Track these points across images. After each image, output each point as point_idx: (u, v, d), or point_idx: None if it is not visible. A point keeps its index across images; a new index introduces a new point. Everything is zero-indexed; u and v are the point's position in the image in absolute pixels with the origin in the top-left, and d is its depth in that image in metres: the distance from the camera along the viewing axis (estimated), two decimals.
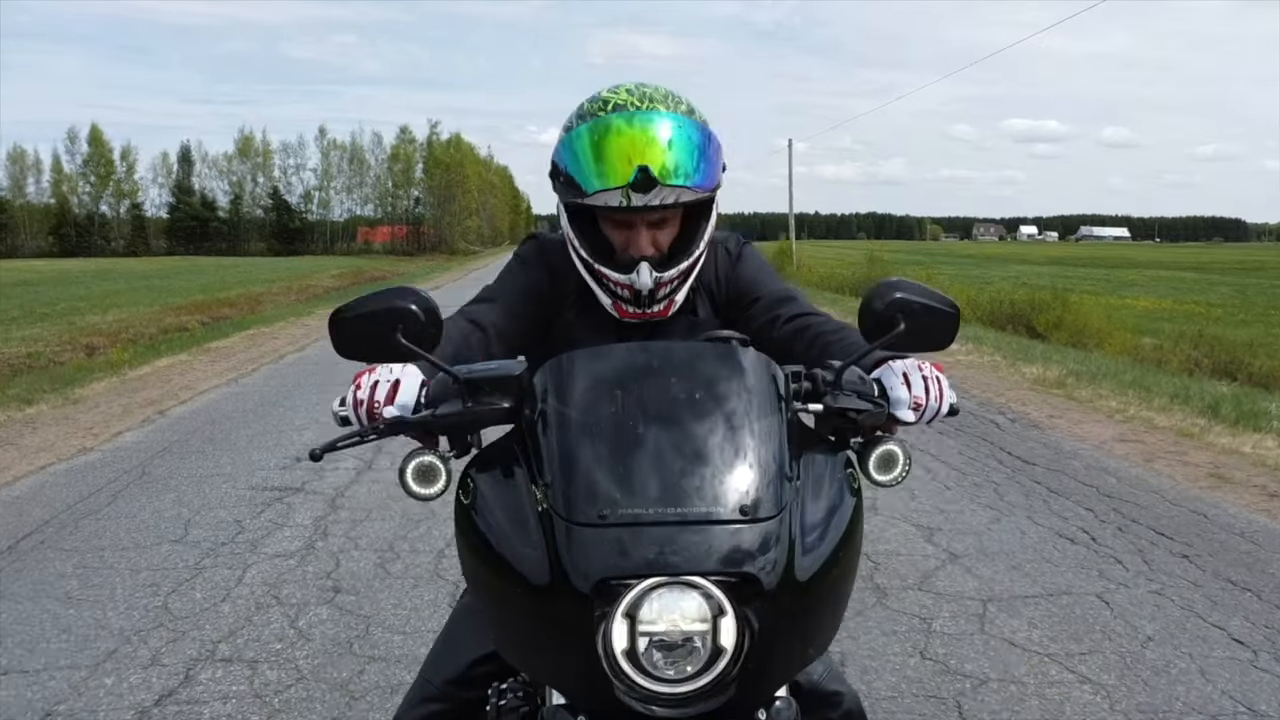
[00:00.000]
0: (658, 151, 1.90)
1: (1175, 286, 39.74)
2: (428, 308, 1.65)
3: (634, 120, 1.93)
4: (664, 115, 1.95)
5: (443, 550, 5.43)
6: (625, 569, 1.36)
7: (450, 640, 2.17)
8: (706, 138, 1.99)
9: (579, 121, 1.98)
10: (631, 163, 1.88)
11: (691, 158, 1.93)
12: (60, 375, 12.53)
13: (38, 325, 22.30)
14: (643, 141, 1.90)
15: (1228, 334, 22.23)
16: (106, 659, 4.07)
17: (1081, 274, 52.25)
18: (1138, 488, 6.98)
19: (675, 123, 1.95)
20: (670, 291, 2.05)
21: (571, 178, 1.96)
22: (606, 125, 1.93)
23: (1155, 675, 3.94)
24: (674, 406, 1.51)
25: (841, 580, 1.51)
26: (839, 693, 2.03)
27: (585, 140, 1.94)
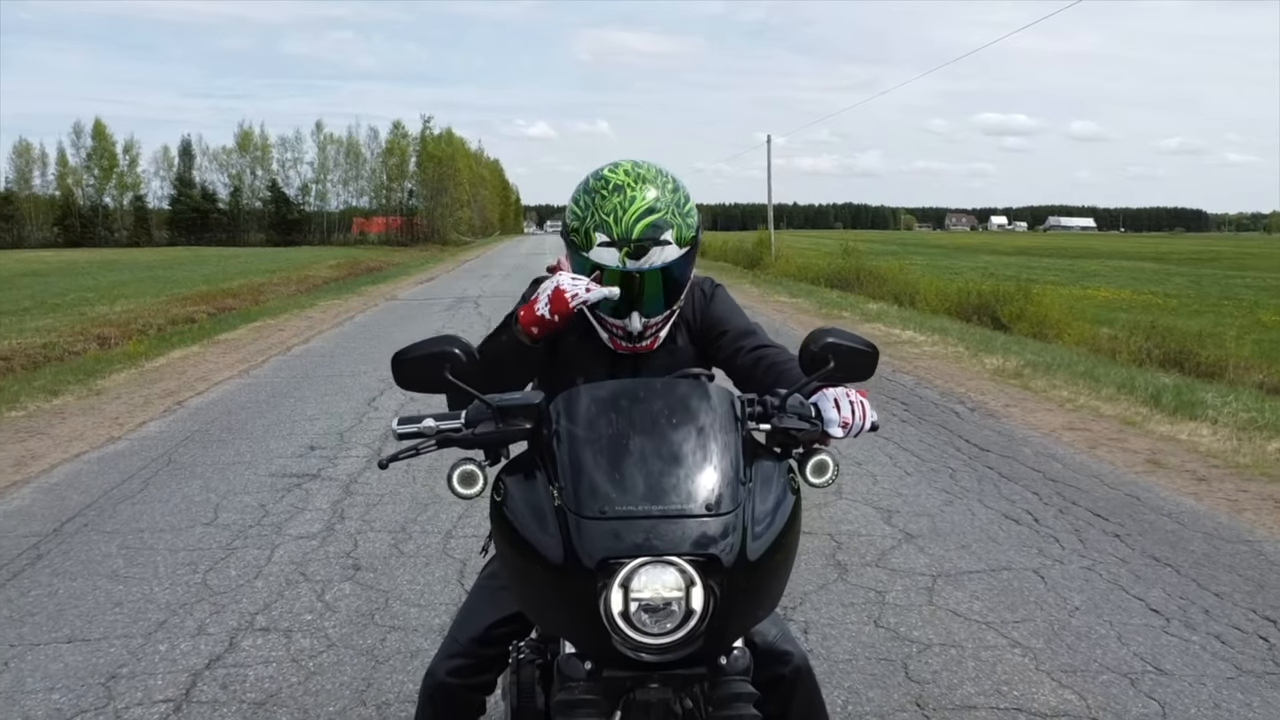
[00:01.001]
0: (650, 222, 2.28)
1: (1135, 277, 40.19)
2: (468, 351, 2.05)
3: (629, 195, 2.31)
4: (653, 190, 2.33)
5: (449, 532, 5.80)
6: (620, 551, 1.75)
7: (473, 607, 2.55)
8: (687, 210, 2.37)
9: (585, 194, 2.36)
10: (628, 228, 2.27)
11: (678, 223, 2.32)
12: (82, 367, 12.80)
13: (49, 316, 22.43)
14: (635, 215, 2.29)
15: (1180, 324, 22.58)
16: (158, 629, 4.43)
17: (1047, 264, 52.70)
18: (1080, 473, 7.38)
19: (664, 193, 2.33)
20: (655, 330, 2.44)
21: (578, 237, 2.35)
22: (606, 199, 2.32)
23: (1078, 640, 4.35)
24: (656, 427, 1.90)
25: (784, 560, 1.91)
26: (789, 653, 2.40)
27: (589, 210, 2.33)
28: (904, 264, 43.54)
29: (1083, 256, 64.45)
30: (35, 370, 14.36)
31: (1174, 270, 46.63)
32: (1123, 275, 42.07)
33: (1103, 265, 51.01)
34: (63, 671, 4.00)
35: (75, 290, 30.90)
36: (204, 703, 3.73)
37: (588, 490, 1.83)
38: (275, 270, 42.63)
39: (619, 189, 2.34)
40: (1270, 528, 6.01)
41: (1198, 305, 27.33)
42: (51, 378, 11.74)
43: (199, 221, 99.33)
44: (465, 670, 2.44)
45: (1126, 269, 48.12)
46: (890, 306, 22.37)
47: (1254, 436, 8.32)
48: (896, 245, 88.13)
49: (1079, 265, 50.51)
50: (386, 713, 3.67)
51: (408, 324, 18.07)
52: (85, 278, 38.89)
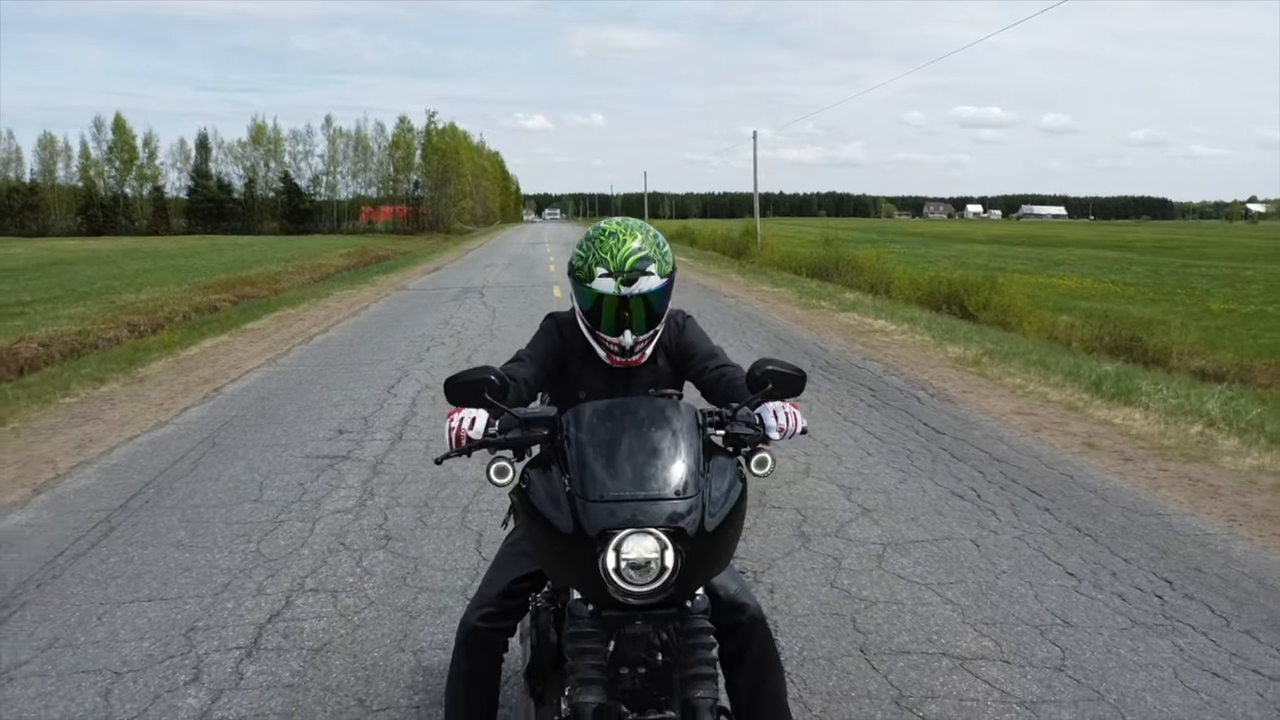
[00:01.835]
0: (637, 259, 2.82)
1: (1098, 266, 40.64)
2: (500, 376, 2.58)
3: (621, 240, 2.85)
4: (639, 237, 2.87)
5: (466, 507, 6.32)
6: (614, 524, 2.29)
7: (498, 567, 3.08)
8: (664, 251, 2.91)
9: (587, 241, 2.90)
10: (621, 265, 2.81)
11: (659, 263, 2.86)
12: (124, 355, 13.30)
13: (80, 304, 22.73)
14: (627, 251, 2.83)
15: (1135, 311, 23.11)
16: (223, 590, 4.97)
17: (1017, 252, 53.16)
18: (1023, 454, 7.90)
19: (648, 241, 2.87)
20: (643, 347, 2.97)
21: (582, 272, 2.88)
22: (604, 243, 2.86)
23: (1000, 598, 4.90)
24: (640, 432, 2.45)
25: (733, 531, 2.46)
26: (746, 604, 2.93)
27: (591, 251, 2.86)
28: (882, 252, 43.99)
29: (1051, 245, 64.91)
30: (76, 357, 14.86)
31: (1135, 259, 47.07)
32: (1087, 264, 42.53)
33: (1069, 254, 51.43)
34: (148, 625, 4.53)
35: (102, 279, 31.14)
36: (270, 650, 4.27)
37: (590, 480, 2.37)
38: (290, 259, 42.90)
39: (614, 235, 2.88)
40: (1180, 502, 6.55)
41: (1153, 294, 27.84)
42: (97, 365, 12.22)
43: (215, 211, 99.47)
44: (492, 617, 2.97)
45: (1091, 257, 48.54)
46: (866, 296, 22.82)
47: (1179, 421, 8.87)
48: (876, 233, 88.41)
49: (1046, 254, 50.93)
50: (422, 658, 4.21)
51: (419, 313, 18.54)
52: (110, 266, 39.11)
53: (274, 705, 3.79)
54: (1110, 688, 3.93)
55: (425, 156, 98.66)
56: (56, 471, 7.28)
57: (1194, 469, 7.40)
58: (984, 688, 3.94)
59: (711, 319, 17.18)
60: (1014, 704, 3.80)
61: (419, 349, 13.56)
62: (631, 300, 2.83)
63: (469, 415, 2.59)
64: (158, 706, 3.77)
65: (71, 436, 8.44)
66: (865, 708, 3.78)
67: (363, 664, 4.15)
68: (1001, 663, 4.17)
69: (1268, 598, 4.90)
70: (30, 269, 38.35)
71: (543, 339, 3.09)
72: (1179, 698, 3.85)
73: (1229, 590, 4.99)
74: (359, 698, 3.86)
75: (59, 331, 17.44)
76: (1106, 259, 46.99)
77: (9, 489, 6.81)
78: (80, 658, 4.19)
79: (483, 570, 4.92)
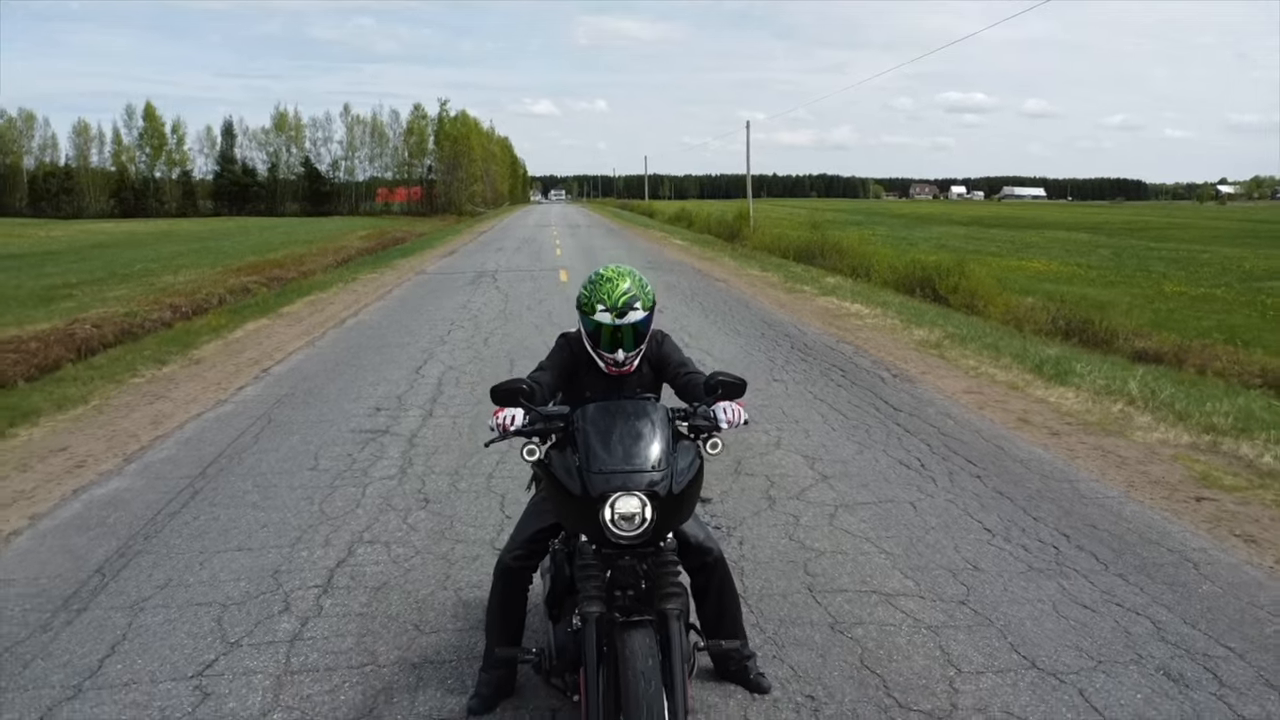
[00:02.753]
0: (627, 298, 3.63)
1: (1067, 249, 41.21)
2: (529, 384, 3.40)
3: (616, 284, 3.66)
4: (629, 281, 3.67)
5: (490, 474, 7.14)
6: (610, 489, 3.11)
7: (525, 520, 3.90)
8: (647, 291, 3.71)
9: (590, 284, 3.70)
10: (615, 303, 3.62)
11: (643, 300, 3.66)
12: (177, 338, 14.06)
13: (123, 286, 23.37)
14: (619, 291, 3.64)
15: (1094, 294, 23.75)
16: (297, 542, 5.80)
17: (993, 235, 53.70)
18: (965, 428, 8.70)
19: (635, 284, 3.68)
20: (631, 360, 3.78)
21: (587, 307, 3.68)
22: (602, 286, 3.66)
23: (926, 549, 5.72)
24: (628, 423, 3.26)
25: (693, 494, 3.28)
26: (710, 549, 3.76)
27: (593, 292, 3.66)
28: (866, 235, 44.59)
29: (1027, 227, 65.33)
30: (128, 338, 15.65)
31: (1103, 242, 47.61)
32: (1056, 247, 43.11)
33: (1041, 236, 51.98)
34: (241, 569, 5.37)
35: (140, 261, 31.75)
36: (341, 588, 5.11)
37: (593, 457, 3.19)
38: (313, 241, 43.51)
39: (609, 280, 3.68)
40: (1090, 470, 7.37)
41: (1113, 276, 28.44)
42: (156, 348, 13.01)
43: (240, 194, 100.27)
44: (521, 558, 3.80)
45: (1062, 240, 49.10)
46: (846, 280, 23.51)
47: (1104, 400, 9.68)
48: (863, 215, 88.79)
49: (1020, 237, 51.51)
50: (461, 594, 5.05)
51: (438, 297, 19.30)
52: (147, 249, 39.72)
53: (349, 629, 4.63)
54: (999, 616, 4.77)
55: (438, 142, 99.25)
56: (140, 444, 8.10)
57: (1108, 442, 8.21)
58: (901, 616, 4.77)
59: (705, 303, 17.97)
60: (922, 628, 4.64)
61: (441, 332, 14.34)
62: (623, 328, 3.64)
63: (509, 413, 3.41)
64: (260, 630, 4.62)
65: (146, 413, 9.26)
66: (807, 631, 4.62)
67: (415, 599, 4.99)
68: (918, 598, 5.00)
69: (1143, 548, 5.73)
70: (72, 252, 39.01)
71: (558, 353, 3.90)
72: (1052, 624, 4.69)
73: (1113, 543, 5.82)
74: (414, 624, 4.70)
75: (108, 313, 18.12)
76: (1076, 242, 47.54)
77: (104, 459, 7.64)
78: (192, 594, 5.03)
79: (506, 526, 5.80)
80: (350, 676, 4.17)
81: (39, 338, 15.39)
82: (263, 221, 74.95)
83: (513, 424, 3.39)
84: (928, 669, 4.24)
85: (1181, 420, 8.71)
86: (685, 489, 3.22)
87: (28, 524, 6.14)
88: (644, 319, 3.67)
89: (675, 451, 3.27)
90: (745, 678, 4.02)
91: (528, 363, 11.50)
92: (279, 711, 3.88)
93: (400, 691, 4.05)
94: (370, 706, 3.92)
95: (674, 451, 3.26)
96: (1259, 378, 13.82)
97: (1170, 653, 4.39)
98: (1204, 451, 7.82)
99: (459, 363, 11.78)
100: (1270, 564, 5.49)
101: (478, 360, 11.91)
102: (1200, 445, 8.00)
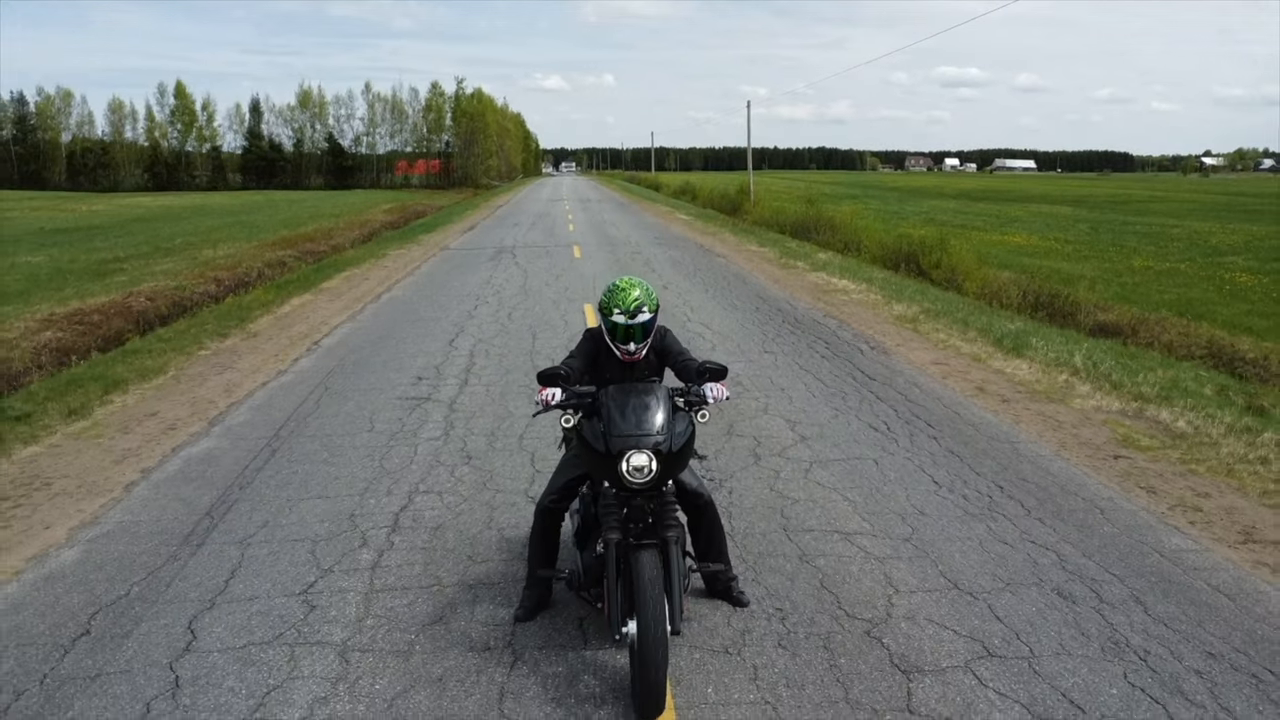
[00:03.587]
0: (637, 303, 4.52)
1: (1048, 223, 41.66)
2: (565, 370, 4.31)
3: (628, 292, 4.54)
4: (639, 290, 4.56)
5: (521, 435, 8.04)
6: (626, 447, 4.03)
7: (559, 471, 4.81)
8: (653, 297, 4.59)
9: (608, 292, 4.57)
10: (628, 307, 4.50)
11: (649, 304, 4.55)
12: (232, 313, 14.90)
13: (168, 259, 23.94)
14: (631, 298, 4.52)
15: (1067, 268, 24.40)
16: (365, 491, 6.73)
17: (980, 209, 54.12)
18: (929, 396, 9.55)
19: (643, 292, 4.56)
20: (641, 350, 4.66)
21: (606, 310, 4.57)
22: (618, 294, 4.54)
23: (883, 497, 6.62)
24: (639, 400, 4.17)
25: (686, 452, 4.19)
26: (702, 494, 4.67)
27: (611, 298, 4.55)
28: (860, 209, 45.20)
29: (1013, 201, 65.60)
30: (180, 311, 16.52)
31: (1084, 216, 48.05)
32: (1039, 221, 43.59)
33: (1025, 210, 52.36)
34: (323, 513, 6.30)
35: (181, 235, 32.31)
36: (406, 528, 6.04)
37: (614, 424, 4.09)
38: (339, 215, 44.11)
39: (623, 289, 4.56)
40: (1030, 433, 8.24)
41: (1088, 251, 29.05)
42: (216, 322, 13.92)
43: (267, 168, 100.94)
44: (556, 500, 4.71)
45: (1045, 214, 49.51)
46: (836, 256, 24.25)
47: (1052, 371, 10.53)
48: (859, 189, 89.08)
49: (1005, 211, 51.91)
50: (503, 533, 5.97)
51: (463, 273, 20.13)
52: (184, 223, 40.32)
53: (416, 559, 5.57)
54: (934, 550, 5.68)
55: (455, 119, 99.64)
56: (218, 409, 9.03)
57: (1050, 408, 9.09)
58: (856, 550, 5.69)
59: (706, 279, 18.80)
60: (872, 559, 5.56)
61: (468, 307, 15.21)
62: (634, 326, 4.52)
63: (550, 391, 4.31)
64: (346, 559, 5.55)
65: (218, 382, 10.17)
66: (780, 561, 5.54)
67: (466, 536, 5.92)
68: (871, 536, 5.91)
69: (1062, 497, 6.62)
70: (115, 226, 39.69)
71: (585, 345, 4.78)
72: (976, 556, 5.60)
73: (1038, 493, 6.71)
74: (468, 555, 5.63)
75: (159, 287, 18.88)
76: (1058, 215, 47.98)
77: (191, 423, 8.57)
78: (287, 532, 5.97)
79: (536, 478, 6.73)
80: (421, 594, 5.11)
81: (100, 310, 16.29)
82: (290, 195, 75.57)
83: (554, 399, 4.30)
84: (872, 589, 5.16)
85: (1116, 389, 9.58)
86: (681, 448, 4.14)
87: (141, 477, 7.08)
88: (650, 319, 4.55)
89: (674, 420, 4.17)
90: (729, 595, 4.95)
91: (548, 335, 12.43)
92: (370, 619, 4.82)
93: (462, 605, 4.98)
94: (440, 616, 4.86)
95: (673, 420, 4.16)
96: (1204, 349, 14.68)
97: (1066, 578, 5.30)
98: (1130, 417, 8.70)
99: (487, 335, 12.66)
100: (1163, 510, 6.40)
101: (504, 334, 12.80)
102: (1128, 411, 8.87)
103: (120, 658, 4.44)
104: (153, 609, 4.94)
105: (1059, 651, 4.48)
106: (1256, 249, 29.73)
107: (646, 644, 3.82)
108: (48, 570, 5.43)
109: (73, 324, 15.17)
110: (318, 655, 4.45)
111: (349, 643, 4.57)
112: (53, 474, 7.15)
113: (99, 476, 7.09)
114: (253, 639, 4.61)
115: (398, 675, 4.28)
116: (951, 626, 4.72)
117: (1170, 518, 6.24)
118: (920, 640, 4.58)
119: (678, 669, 4.29)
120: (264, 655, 4.45)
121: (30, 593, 5.15)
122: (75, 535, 5.95)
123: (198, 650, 4.50)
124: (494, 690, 4.16)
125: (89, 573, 5.39)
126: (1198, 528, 6.07)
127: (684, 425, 4.21)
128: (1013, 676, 4.26)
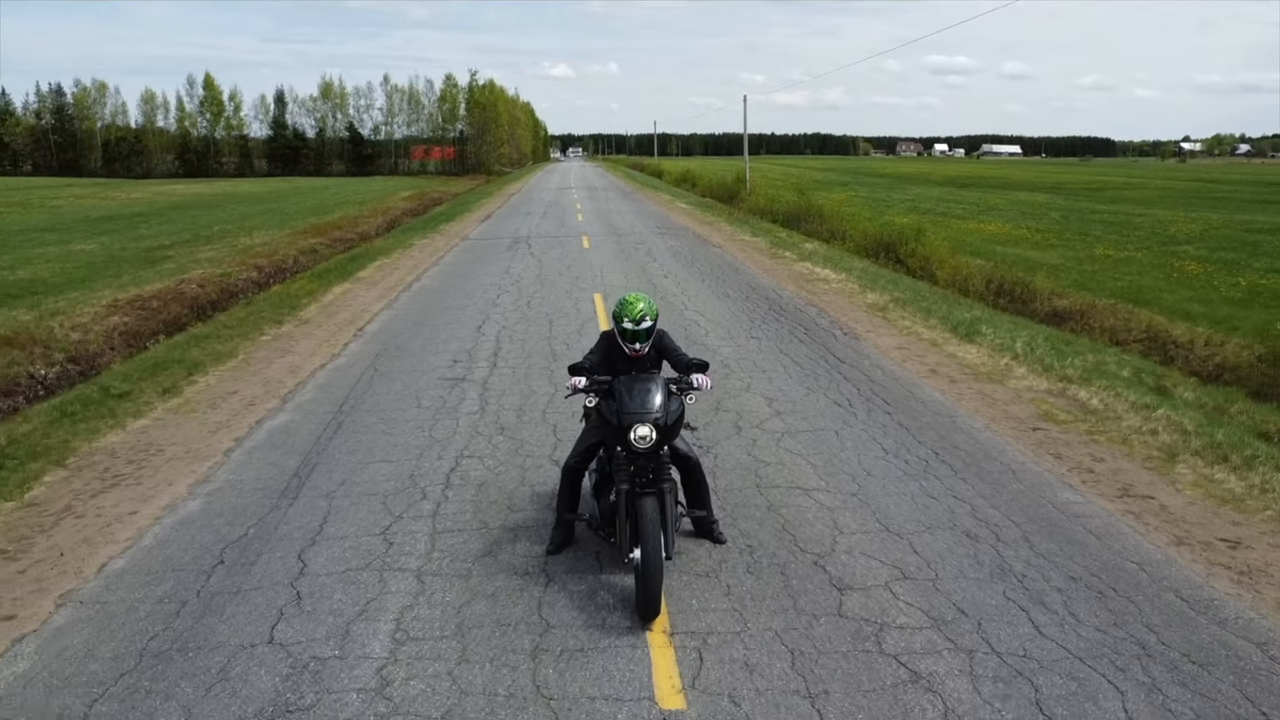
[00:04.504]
0: (641, 314, 5.67)
1: (1023, 211, 42.50)
2: (588, 363, 5.48)
3: (635, 305, 5.69)
4: (644, 303, 5.71)
5: (544, 409, 9.19)
6: (633, 420, 5.21)
7: (581, 439, 5.97)
8: (655, 308, 5.75)
9: (619, 304, 5.73)
10: (634, 316, 5.66)
11: (650, 314, 5.71)
12: (283, 301, 15.99)
13: (209, 247, 24.75)
14: (637, 310, 5.68)
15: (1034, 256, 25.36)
16: (420, 456, 7.90)
17: (961, 196, 54.93)
18: (889, 377, 10.66)
19: (646, 304, 5.72)
20: (644, 348, 5.80)
21: (618, 318, 5.72)
22: (627, 307, 5.69)
23: (839, 461, 7.78)
24: (644, 386, 5.35)
25: (678, 425, 5.38)
26: (690, 457, 5.84)
27: (622, 310, 5.70)
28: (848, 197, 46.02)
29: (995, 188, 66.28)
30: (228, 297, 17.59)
31: (1058, 204, 48.85)
32: (1015, 209, 44.43)
33: (1004, 198, 53.12)
34: (388, 474, 7.47)
35: (217, 222, 33.11)
36: (456, 485, 7.21)
37: (625, 404, 5.26)
38: (363, 202, 44.95)
39: (631, 303, 5.71)
40: (969, 409, 9.37)
41: (1055, 240, 29.99)
42: (270, 310, 15.03)
43: (291, 156, 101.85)
44: (580, 461, 5.88)
45: (1022, 202, 50.32)
46: (822, 246, 25.24)
47: (996, 355, 11.65)
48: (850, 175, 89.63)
49: (985, 198, 52.68)
50: (534, 489, 7.13)
51: (484, 263, 21.20)
52: (218, 210, 41.00)
53: (467, 509, 6.75)
54: (874, 502, 6.85)
55: (468, 109, 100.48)
56: (287, 388, 10.19)
57: (989, 388, 10.22)
58: (813, 503, 6.86)
59: (703, 269, 19.87)
60: (824, 509, 6.73)
61: (491, 296, 16.31)
62: (639, 330, 5.68)
63: (576, 379, 5.49)
64: (411, 509, 6.74)
65: (282, 365, 11.33)
66: (752, 511, 6.71)
67: (505, 491, 7.10)
68: (825, 492, 7.08)
69: (984, 462, 7.77)
70: (155, 214, 40.44)
71: (602, 343, 5.92)
72: (907, 507, 6.77)
73: (966, 458, 7.86)
74: (507, 506, 6.81)
75: (207, 274, 19.74)
76: (1034, 204, 48.75)
77: (267, 400, 9.74)
78: (361, 490, 7.15)
79: (558, 446, 7.88)
80: (474, 535, 6.29)
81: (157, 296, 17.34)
82: (314, 182, 76.49)
83: (581, 385, 5.47)
84: (822, 531, 6.34)
85: (1046, 371, 10.72)
86: (674, 422, 5.32)
87: (235, 444, 8.26)
88: (651, 325, 5.70)
89: (669, 402, 5.34)
90: (711, 535, 6.12)
91: (563, 323, 13.56)
92: (436, 552, 6.01)
93: (505, 542, 6.16)
94: (489, 550, 6.05)
95: (669, 402, 5.34)
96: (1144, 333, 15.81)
97: (974, 523, 6.48)
98: (1054, 395, 9.85)
99: (509, 322, 13.80)
100: (1063, 471, 7.56)
101: (524, 321, 13.93)
102: (1053, 391, 10.02)
103: (251, 579, 5.64)
104: (268, 545, 6.13)
105: (957, 575, 5.66)
106: (1210, 238, 30.70)
107: (647, 567, 5.00)
108: (180, 517, 6.63)
109: (135, 309, 16.18)
110: (400, 577, 5.65)
111: (422, 569, 5.77)
112: (164, 442, 8.34)
113: (201, 444, 8.27)
114: (349, 566, 5.81)
115: (461, 591, 5.47)
116: (878, 558, 5.91)
117: (1068, 478, 7.41)
118: (853, 567, 5.77)
119: (670, 586, 5.47)
120: (360, 577, 5.65)
121: (171, 533, 6.35)
122: (195, 490, 7.14)
123: (309, 574, 5.70)
124: (534, 601, 5.35)
125: (211, 518, 6.58)
126: (1087, 485, 7.25)
127: (677, 405, 5.38)
128: (919, 592, 5.45)
